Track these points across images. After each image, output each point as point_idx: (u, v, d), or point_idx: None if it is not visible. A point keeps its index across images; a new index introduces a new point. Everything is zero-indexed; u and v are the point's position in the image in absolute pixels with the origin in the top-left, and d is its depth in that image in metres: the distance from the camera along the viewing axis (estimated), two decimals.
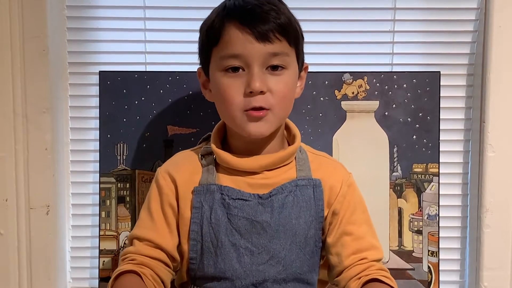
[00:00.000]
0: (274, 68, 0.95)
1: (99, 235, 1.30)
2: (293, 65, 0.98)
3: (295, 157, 1.04)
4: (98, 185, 1.30)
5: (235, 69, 0.95)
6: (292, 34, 0.97)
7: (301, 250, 0.99)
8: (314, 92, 1.29)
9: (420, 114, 1.29)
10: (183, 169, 1.03)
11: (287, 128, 1.07)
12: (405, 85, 1.29)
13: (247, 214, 0.98)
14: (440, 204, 1.30)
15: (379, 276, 0.95)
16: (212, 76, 0.99)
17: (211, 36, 0.96)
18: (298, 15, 1.01)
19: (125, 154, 1.29)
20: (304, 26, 1.02)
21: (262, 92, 0.94)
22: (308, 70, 1.06)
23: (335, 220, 1.02)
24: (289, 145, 1.05)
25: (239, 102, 0.95)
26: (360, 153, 1.29)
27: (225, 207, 0.99)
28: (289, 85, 0.98)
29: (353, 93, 1.30)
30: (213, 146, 1.02)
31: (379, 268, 0.98)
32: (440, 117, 1.29)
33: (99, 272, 1.30)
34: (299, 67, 1.01)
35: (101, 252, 1.29)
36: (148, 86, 1.29)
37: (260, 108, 0.95)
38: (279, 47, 0.94)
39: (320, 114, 1.29)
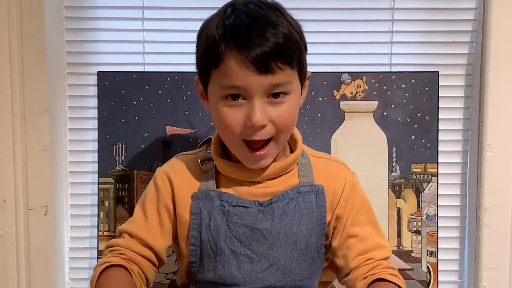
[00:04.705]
0: (276, 95, 0.92)
1: (98, 235, 1.30)
2: (295, 89, 0.95)
3: (297, 163, 1.02)
4: (96, 185, 1.30)
5: (235, 97, 0.92)
6: (295, 57, 0.92)
7: (302, 257, 0.99)
8: (313, 93, 1.28)
9: (419, 114, 1.29)
10: (182, 173, 1.02)
11: None
12: (403, 85, 1.29)
13: (247, 221, 0.97)
14: (439, 204, 1.30)
15: (385, 274, 0.94)
16: (211, 99, 0.96)
17: (210, 57, 0.92)
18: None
19: (123, 155, 1.29)
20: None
21: (263, 126, 0.91)
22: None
23: (339, 224, 1.01)
24: (290, 148, 1.04)
25: (239, 133, 0.92)
26: (358, 153, 1.29)
27: (224, 214, 0.98)
28: (291, 111, 0.94)
29: (351, 93, 1.30)
30: (214, 155, 1.00)
31: (386, 266, 0.97)
32: (439, 117, 1.30)
33: None
34: (302, 82, 0.97)
35: (100, 252, 1.29)
36: (146, 87, 1.29)
37: (261, 142, 0.93)
38: (281, 77, 0.90)
39: (319, 114, 1.29)
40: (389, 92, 1.29)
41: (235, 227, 0.97)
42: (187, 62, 1.28)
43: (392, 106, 1.29)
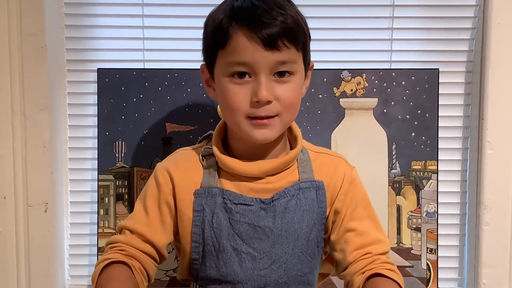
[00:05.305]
0: (281, 74, 0.94)
1: (98, 232, 1.30)
2: (300, 71, 0.97)
3: (297, 159, 1.02)
4: (96, 182, 1.30)
5: (241, 74, 0.93)
6: (300, 39, 0.94)
7: (303, 253, 0.99)
8: (313, 90, 1.28)
9: (419, 111, 1.29)
10: (182, 169, 1.02)
11: (289, 127, 1.05)
12: (403, 82, 1.29)
13: (249, 219, 0.97)
14: (438, 201, 1.30)
15: (383, 270, 0.94)
16: (217, 79, 0.97)
17: (217, 38, 0.94)
18: None
19: (123, 152, 1.29)
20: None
21: (268, 102, 0.93)
22: None
23: (338, 218, 1.01)
24: (290, 144, 1.04)
25: (245, 110, 0.94)
26: (358, 151, 1.29)
27: (227, 212, 0.98)
28: (296, 91, 0.96)
29: (351, 90, 1.30)
30: (215, 151, 1.00)
31: (384, 261, 0.97)
32: (439, 114, 1.29)
33: None
34: (306, 69, 0.99)
35: (100, 249, 1.29)
36: (146, 84, 1.29)
37: (266, 117, 0.94)
38: (287, 54, 0.93)
39: (319, 112, 1.29)
40: (389, 89, 1.29)
41: (237, 224, 0.97)
42: (187, 59, 1.29)
43: (392, 103, 1.29)
